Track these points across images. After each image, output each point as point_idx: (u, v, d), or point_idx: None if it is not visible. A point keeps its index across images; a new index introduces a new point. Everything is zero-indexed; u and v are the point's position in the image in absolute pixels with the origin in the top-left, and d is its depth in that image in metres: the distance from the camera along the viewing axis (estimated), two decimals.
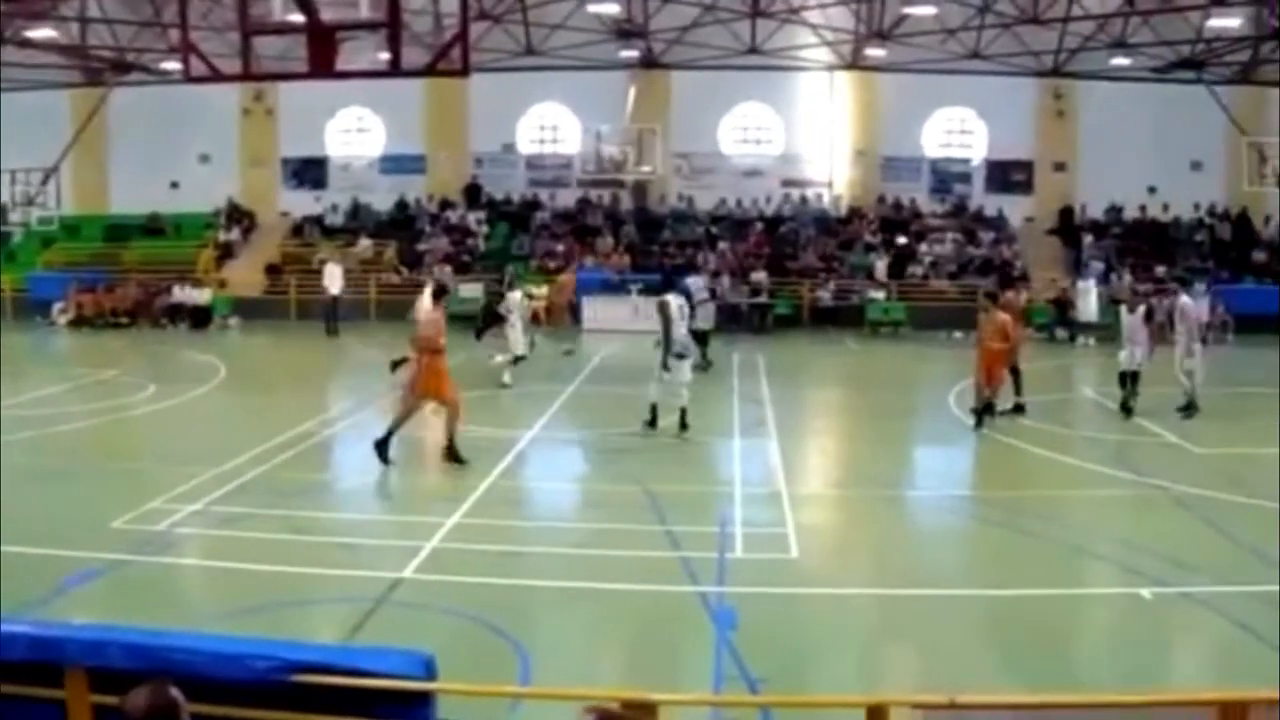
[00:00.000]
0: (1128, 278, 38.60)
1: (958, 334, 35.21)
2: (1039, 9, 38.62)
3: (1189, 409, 22.31)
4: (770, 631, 11.24)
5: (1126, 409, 22.31)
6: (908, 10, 36.82)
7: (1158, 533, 15.16)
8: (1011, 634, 11.72)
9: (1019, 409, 22.41)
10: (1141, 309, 23.12)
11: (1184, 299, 24.26)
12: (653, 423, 20.44)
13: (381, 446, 17.38)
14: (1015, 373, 22.68)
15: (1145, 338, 22.52)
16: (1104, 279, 38.52)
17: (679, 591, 12.13)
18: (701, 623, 11.32)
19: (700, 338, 25.49)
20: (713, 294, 36.38)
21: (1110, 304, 33.19)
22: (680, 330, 20.43)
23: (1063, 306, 36.86)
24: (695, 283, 27.22)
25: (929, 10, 36.11)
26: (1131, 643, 11.72)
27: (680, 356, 20.25)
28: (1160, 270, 40.46)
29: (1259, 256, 42.36)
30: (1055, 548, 14.55)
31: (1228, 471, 18.67)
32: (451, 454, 17.57)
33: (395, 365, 18.96)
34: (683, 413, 20.30)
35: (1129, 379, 22.49)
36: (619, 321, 34.99)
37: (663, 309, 20.48)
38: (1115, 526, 15.67)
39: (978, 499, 17.36)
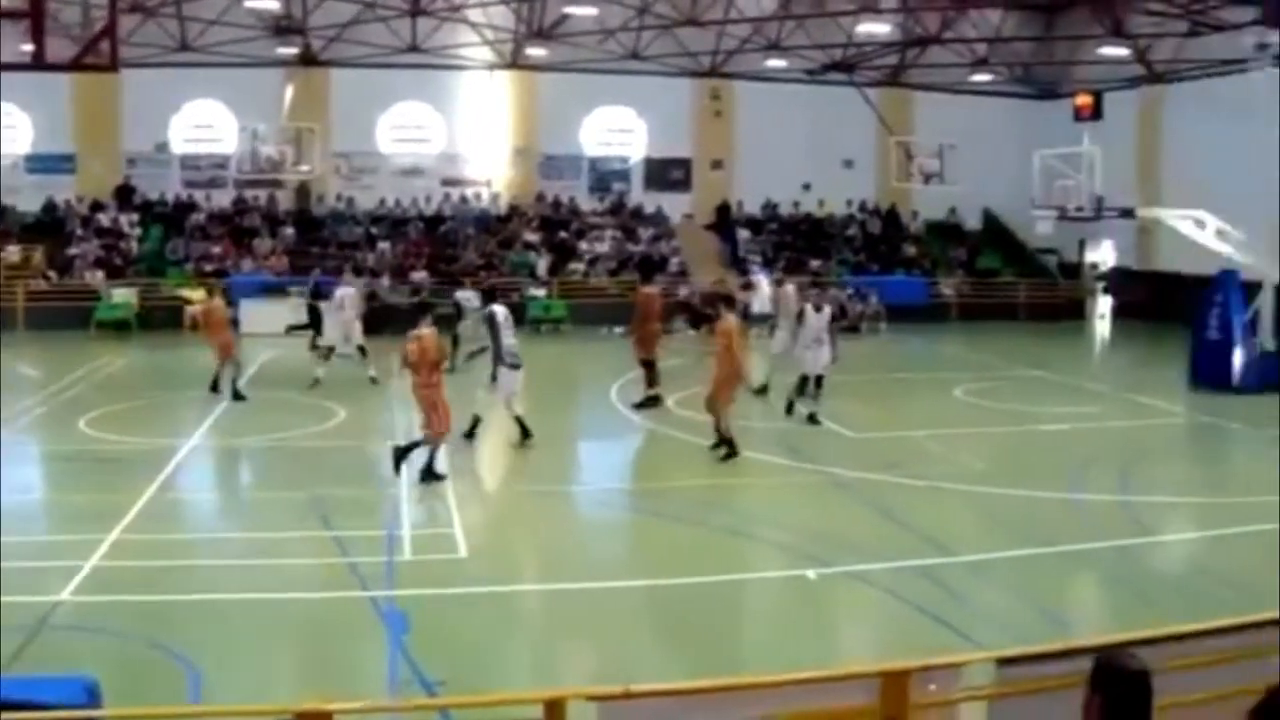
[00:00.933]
0: (773, 275, 40.05)
1: (618, 329, 35.88)
2: (697, 11, 39.68)
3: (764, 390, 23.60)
4: (444, 633, 11.29)
5: (814, 419, 21.74)
6: (568, 10, 37.23)
7: (819, 515, 15.87)
8: (682, 621, 12.07)
9: (656, 400, 22.97)
10: (828, 309, 22.95)
11: (789, 287, 25.27)
12: (471, 434, 20.04)
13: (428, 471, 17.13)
14: (649, 365, 23.41)
15: (829, 339, 22.24)
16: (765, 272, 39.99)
17: (350, 597, 12.05)
18: (374, 628, 11.28)
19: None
20: (372, 296, 36.13)
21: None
22: (509, 339, 20.20)
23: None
24: (465, 295, 27.77)
25: (589, 11, 36.60)
26: (799, 622, 12.25)
27: (514, 367, 20.04)
28: (815, 264, 42.18)
29: (908, 250, 44.75)
30: (721, 535, 15.04)
31: (882, 453, 19.69)
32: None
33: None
34: (519, 421, 20.08)
35: (815, 382, 22.22)
36: (278, 325, 34.15)
37: (490, 320, 20.32)
38: (778, 511, 16.30)
39: (644, 491, 17.74)
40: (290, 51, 40.25)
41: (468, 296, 27.36)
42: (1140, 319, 41.66)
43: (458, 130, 43.26)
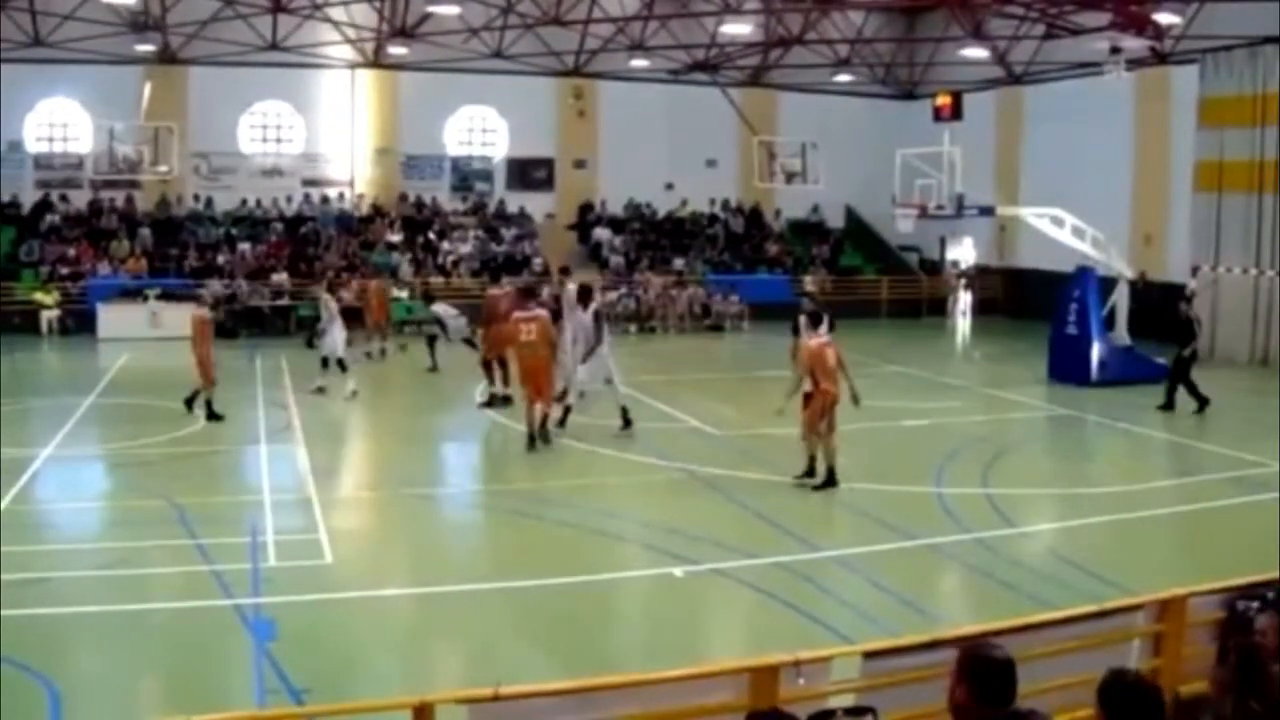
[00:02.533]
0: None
1: (480, 330, 35.79)
2: (561, 10, 39.59)
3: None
4: (311, 640, 11.14)
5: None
6: (431, 9, 36.92)
7: (686, 513, 15.92)
8: (551, 622, 12.05)
9: (506, 400, 22.93)
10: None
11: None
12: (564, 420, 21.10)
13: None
14: (487, 366, 23.77)
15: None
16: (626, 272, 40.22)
17: (214, 606, 11.83)
18: (239, 637, 11.10)
19: None
20: (232, 298, 35.62)
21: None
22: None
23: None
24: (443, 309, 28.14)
25: (452, 10, 36.31)
26: (667, 620, 12.30)
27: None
28: (679, 263, 42.42)
29: (771, 249, 45.16)
30: (589, 535, 15.06)
31: (747, 451, 19.83)
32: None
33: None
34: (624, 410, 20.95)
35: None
36: (137, 329, 33.52)
37: (597, 317, 21.15)
38: (644, 510, 16.34)
39: (509, 492, 17.61)
40: (148, 48, 39.37)
41: (446, 310, 26.70)
42: (1000, 315, 42.49)
43: (319, 130, 42.70)
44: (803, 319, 19.49)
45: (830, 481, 17.01)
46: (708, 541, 14.47)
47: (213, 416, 21.75)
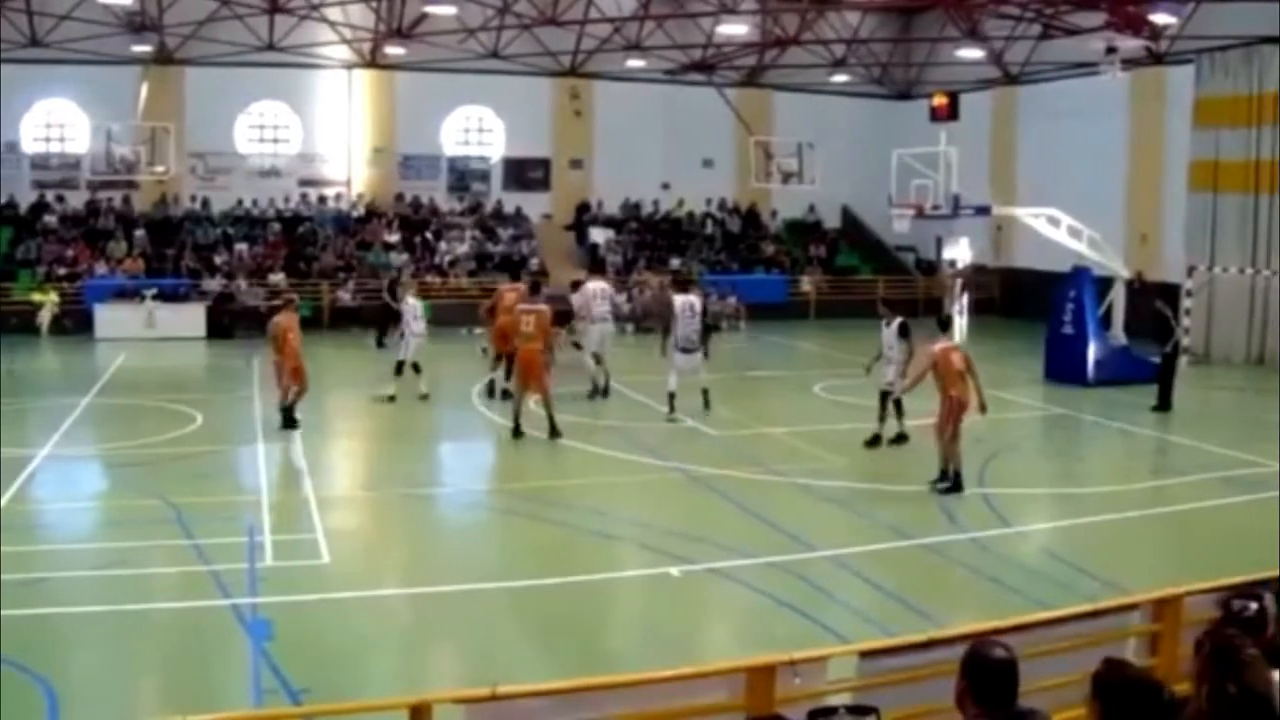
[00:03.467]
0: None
1: (478, 330, 35.79)
2: (557, 11, 39.62)
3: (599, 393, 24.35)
4: (308, 640, 11.16)
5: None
6: (428, 9, 36.91)
7: (682, 513, 15.97)
8: (548, 622, 12.07)
9: (505, 394, 23.05)
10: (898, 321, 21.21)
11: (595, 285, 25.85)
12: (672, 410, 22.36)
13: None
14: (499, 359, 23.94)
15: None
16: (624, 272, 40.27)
17: (211, 606, 11.84)
18: (237, 637, 11.11)
19: None
20: (228, 298, 35.61)
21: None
22: (685, 328, 22.35)
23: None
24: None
25: (449, 10, 36.29)
26: (664, 620, 12.33)
27: (684, 350, 22.37)
28: (676, 263, 42.45)
29: (767, 249, 45.20)
30: (585, 535, 15.07)
31: (743, 450, 19.87)
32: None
33: None
34: (704, 393, 22.63)
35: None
36: (134, 330, 33.52)
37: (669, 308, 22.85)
38: (641, 510, 16.35)
39: (506, 492, 17.66)
40: (145, 49, 39.35)
41: (413, 312, 26.21)
42: (996, 315, 42.50)
43: (316, 130, 42.69)
44: (937, 323, 19.50)
45: (957, 486, 16.97)
46: (704, 541, 14.49)
47: (290, 424, 21.10)
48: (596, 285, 25.61)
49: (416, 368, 24.30)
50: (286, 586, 12.51)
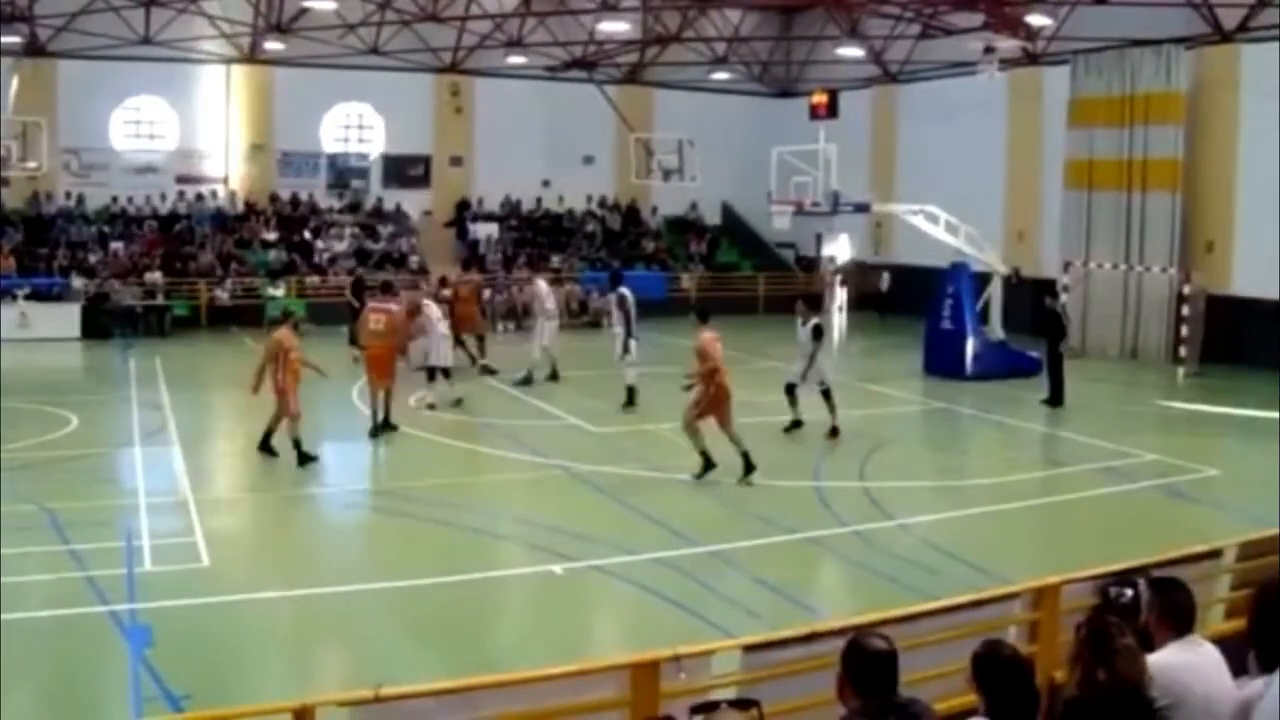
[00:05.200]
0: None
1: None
2: (438, 7, 39.33)
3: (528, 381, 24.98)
4: (189, 645, 10.96)
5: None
6: (307, 4, 36.48)
7: (565, 510, 15.98)
8: (432, 621, 12.04)
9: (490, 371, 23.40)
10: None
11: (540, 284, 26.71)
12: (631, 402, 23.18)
13: None
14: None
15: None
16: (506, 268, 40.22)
17: (88, 613, 11.61)
18: (115, 644, 10.90)
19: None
20: (104, 298, 34.95)
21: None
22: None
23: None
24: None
25: (329, 5, 35.89)
26: (548, 618, 12.32)
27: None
28: (556, 260, 42.42)
29: (648, 245, 45.33)
30: (466, 534, 15.03)
31: (624, 447, 19.89)
32: None
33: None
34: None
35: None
36: (6, 330, 32.71)
37: (622, 303, 23.68)
38: (522, 508, 16.36)
39: (387, 491, 17.54)
40: (14, 40, 38.38)
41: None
42: (876, 310, 42.95)
43: (193, 126, 41.95)
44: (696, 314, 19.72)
45: (749, 466, 17.46)
46: (587, 538, 14.51)
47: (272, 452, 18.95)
48: (543, 285, 26.71)
49: (447, 373, 23.07)
50: (166, 591, 12.27)
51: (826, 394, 20.99)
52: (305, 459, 18.19)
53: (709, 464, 17.43)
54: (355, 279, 33.42)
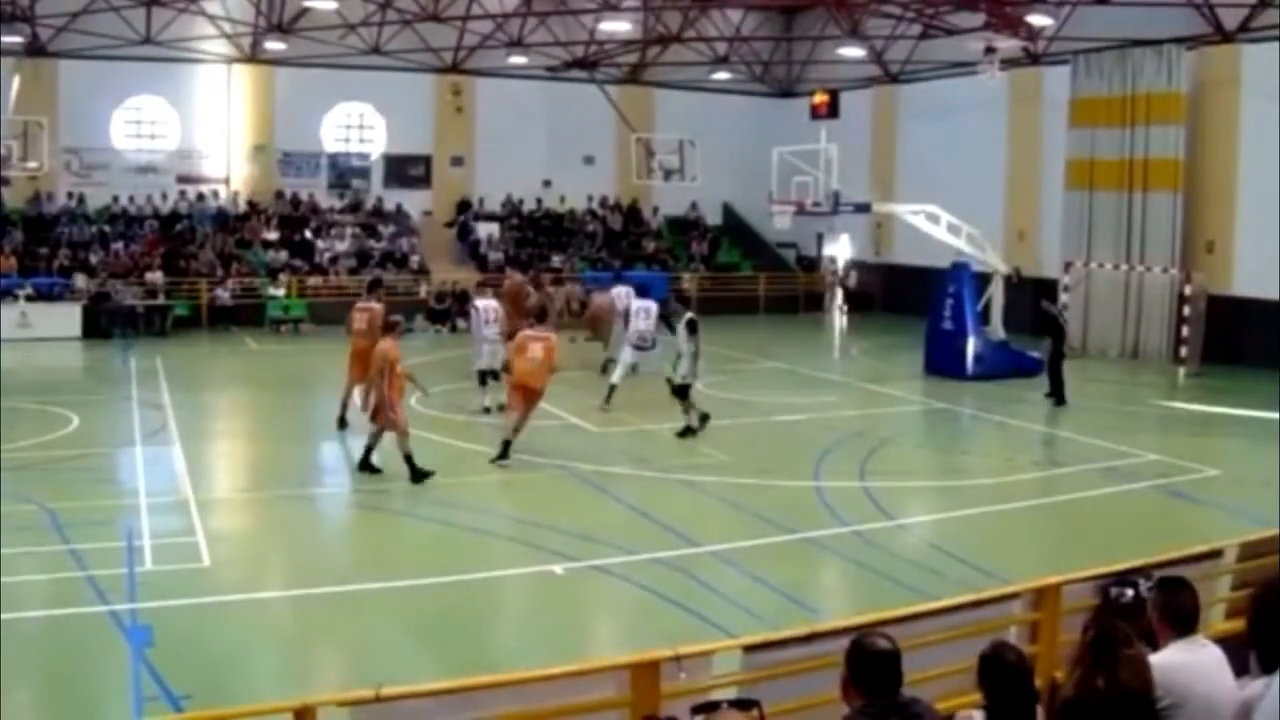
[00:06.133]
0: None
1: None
2: (439, 7, 39.32)
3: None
4: (190, 645, 10.95)
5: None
6: (308, 4, 36.46)
7: (565, 510, 15.98)
8: (433, 621, 12.02)
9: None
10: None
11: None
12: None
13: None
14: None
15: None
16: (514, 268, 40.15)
17: (89, 613, 11.61)
18: (116, 644, 10.89)
19: None
20: (104, 298, 34.90)
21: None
22: (641, 325, 23.93)
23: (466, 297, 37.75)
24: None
25: (330, 5, 35.88)
26: (549, 618, 12.30)
27: (637, 348, 23.93)
28: (557, 260, 42.42)
29: (649, 245, 45.33)
30: (469, 534, 15.02)
31: (626, 449, 19.87)
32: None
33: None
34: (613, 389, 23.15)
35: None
36: (7, 330, 32.69)
37: (693, 330, 20.90)
38: (525, 508, 16.35)
39: (387, 491, 17.45)
40: (15, 40, 38.37)
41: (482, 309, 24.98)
42: (877, 311, 42.97)
43: (194, 126, 41.92)
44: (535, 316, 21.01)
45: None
46: (588, 538, 14.50)
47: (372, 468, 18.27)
48: (481, 302, 23.60)
49: (495, 375, 22.33)
50: (166, 591, 12.26)
51: (686, 391, 20.96)
52: (420, 475, 17.20)
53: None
54: (373, 279, 33.43)
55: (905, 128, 42.27)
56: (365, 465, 17.83)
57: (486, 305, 23.13)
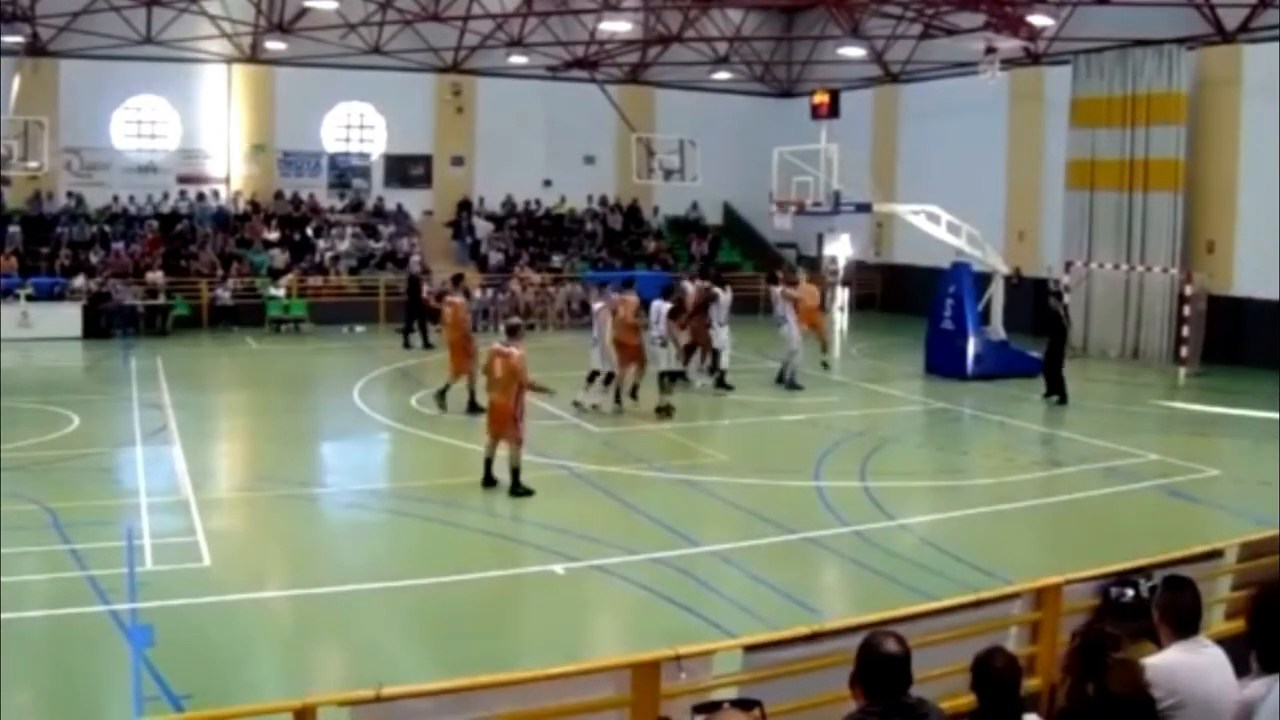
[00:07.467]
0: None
1: (359, 328, 35.67)
2: (440, 7, 39.33)
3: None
4: (190, 645, 10.96)
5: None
6: (308, 4, 36.46)
7: (567, 510, 15.96)
8: (433, 621, 12.03)
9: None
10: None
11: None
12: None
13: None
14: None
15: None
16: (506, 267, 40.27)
17: (89, 613, 11.60)
18: (117, 644, 10.89)
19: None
20: (104, 297, 34.89)
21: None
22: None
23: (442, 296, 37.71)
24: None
25: (330, 5, 35.88)
26: (549, 618, 12.30)
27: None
28: (557, 259, 42.43)
29: (649, 245, 45.34)
30: (469, 533, 15.02)
31: (625, 447, 19.87)
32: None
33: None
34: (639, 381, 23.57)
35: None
36: (7, 330, 32.67)
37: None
38: (526, 508, 16.31)
39: (387, 491, 17.49)
40: (16, 40, 38.34)
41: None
42: (877, 311, 42.98)
43: (195, 126, 41.91)
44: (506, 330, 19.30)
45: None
46: (588, 538, 14.50)
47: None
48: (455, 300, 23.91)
49: (608, 379, 23.23)
50: (167, 591, 12.27)
51: (664, 378, 22.84)
52: (522, 491, 16.71)
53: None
54: (411, 277, 33.53)
55: (906, 128, 42.28)
56: (489, 480, 17.08)
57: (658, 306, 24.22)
